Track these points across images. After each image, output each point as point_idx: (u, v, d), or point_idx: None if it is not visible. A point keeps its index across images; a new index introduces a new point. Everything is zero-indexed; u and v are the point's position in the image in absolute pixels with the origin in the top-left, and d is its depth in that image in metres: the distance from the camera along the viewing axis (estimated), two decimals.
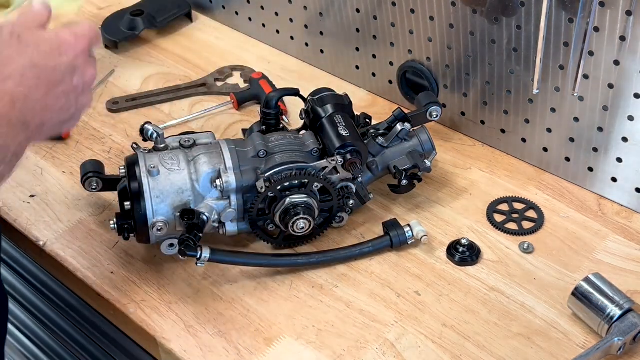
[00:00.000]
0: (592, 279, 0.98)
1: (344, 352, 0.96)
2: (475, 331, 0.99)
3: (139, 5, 1.53)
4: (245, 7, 1.50)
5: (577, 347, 0.97)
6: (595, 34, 1.04)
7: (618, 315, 0.94)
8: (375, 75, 1.36)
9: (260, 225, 1.06)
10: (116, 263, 1.08)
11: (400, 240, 1.07)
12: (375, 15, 1.29)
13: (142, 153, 1.03)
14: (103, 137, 1.28)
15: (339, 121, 1.08)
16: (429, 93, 1.21)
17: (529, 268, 1.07)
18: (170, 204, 1.01)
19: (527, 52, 1.13)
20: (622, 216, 1.14)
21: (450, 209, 1.16)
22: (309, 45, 1.44)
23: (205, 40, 1.53)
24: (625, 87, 1.06)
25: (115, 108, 1.33)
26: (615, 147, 1.12)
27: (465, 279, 1.06)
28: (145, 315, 1.01)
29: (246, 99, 1.35)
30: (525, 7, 1.09)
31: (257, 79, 1.38)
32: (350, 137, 1.05)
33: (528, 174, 1.22)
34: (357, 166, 1.05)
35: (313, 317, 1.01)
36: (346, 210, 1.10)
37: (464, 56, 1.21)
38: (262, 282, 1.05)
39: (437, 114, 1.16)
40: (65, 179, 1.20)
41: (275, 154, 1.05)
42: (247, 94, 1.36)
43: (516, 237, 1.11)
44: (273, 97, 1.11)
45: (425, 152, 1.13)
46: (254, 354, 0.96)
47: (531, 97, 1.17)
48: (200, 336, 0.98)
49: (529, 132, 1.21)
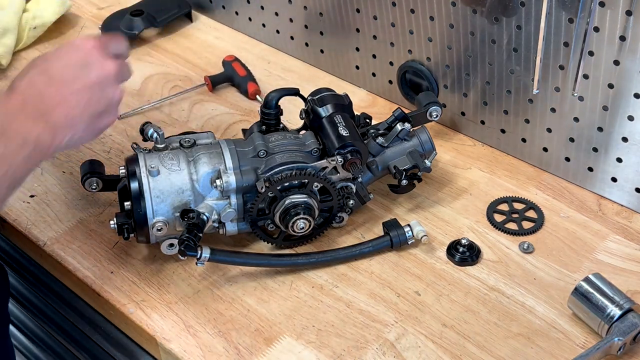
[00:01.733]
0: (592, 279, 0.97)
1: (344, 352, 0.96)
2: (475, 331, 0.99)
3: (139, 5, 1.53)
4: (245, 7, 1.50)
5: (577, 347, 0.97)
6: (595, 34, 1.04)
7: (618, 315, 0.94)
8: (375, 75, 1.36)
9: (260, 225, 1.06)
10: (116, 263, 1.08)
11: (400, 240, 1.07)
12: (375, 15, 1.29)
13: (142, 153, 1.03)
14: (103, 137, 1.28)
15: (339, 121, 1.08)
16: (429, 93, 1.21)
17: (529, 268, 1.07)
18: (170, 204, 1.01)
19: (527, 52, 1.13)
20: (622, 216, 1.14)
21: (450, 209, 1.16)
22: (309, 45, 1.44)
23: (205, 40, 1.53)
24: (625, 87, 1.06)
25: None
26: (615, 147, 1.12)
27: (465, 279, 1.06)
28: (145, 315, 1.01)
29: (220, 80, 1.40)
30: (525, 7, 1.09)
31: (229, 61, 1.41)
32: (350, 137, 1.05)
33: (528, 173, 1.22)
34: (357, 166, 1.05)
35: (313, 317, 1.01)
36: (346, 210, 1.10)
37: (464, 56, 1.21)
38: (262, 282, 1.05)
39: (437, 114, 1.16)
40: (65, 179, 1.20)
41: (275, 154, 1.05)
42: (220, 76, 1.41)
43: (516, 237, 1.11)
44: (273, 97, 1.11)
45: (426, 152, 1.13)
46: (254, 354, 0.96)
47: (531, 97, 1.17)
48: (200, 336, 0.98)
49: (529, 132, 1.21)
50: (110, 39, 0.97)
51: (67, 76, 0.90)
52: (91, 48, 0.92)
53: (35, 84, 0.89)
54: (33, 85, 0.88)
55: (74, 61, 0.91)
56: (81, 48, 0.92)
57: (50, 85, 0.88)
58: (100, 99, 0.92)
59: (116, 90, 0.95)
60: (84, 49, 0.92)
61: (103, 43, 0.94)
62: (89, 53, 0.92)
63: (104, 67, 0.92)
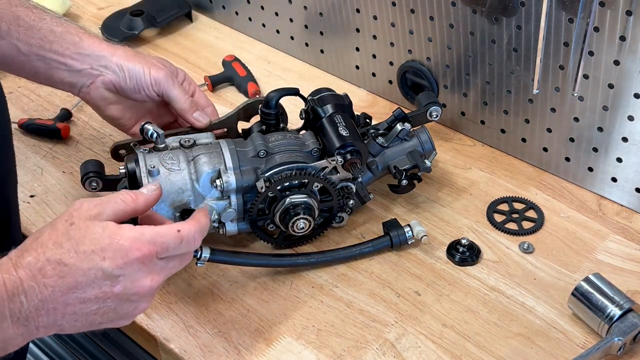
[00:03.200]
0: (592, 279, 0.97)
1: (344, 352, 0.96)
2: (475, 331, 0.99)
3: (139, 5, 1.53)
4: (245, 7, 1.50)
5: (577, 347, 0.97)
6: (595, 34, 1.04)
7: (618, 315, 0.94)
8: (375, 75, 1.36)
9: (260, 225, 1.06)
10: None
11: (400, 240, 1.07)
12: (375, 15, 1.29)
13: (142, 153, 1.03)
14: (103, 137, 1.28)
15: (339, 121, 1.07)
16: (429, 93, 1.21)
17: (529, 268, 1.07)
18: (170, 204, 1.01)
19: (527, 52, 1.13)
20: (622, 216, 1.14)
21: (450, 209, 1.16)
22: (309, 45, 1.44)
23: (205, 40, 1.53)
24: (625, 87, 1.06)
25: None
26: (615, 147, 1.12)
27: (465, 279, 1.06)
28: (145, 315, 1.01)
29: (220, 80, 1.41)
30: (525, 7, 1.09)
31: (229, 61, 1.41)
32: (350, 137, 1.05)
33: (528, 173, 1.22)
34: (357, 166, 1.05)
35: (313, 317, 1.01)
36: (346, 210, 1.10)
37: (464, 56, 1.21)
38: (262, 282, 1.05)
39: (437, 114, 1.16)
40: (65, 179, 1.20)
41: (275, 154, 1.05)
42: (220, 76, 1.41)
43: (516, 237, 1.11)
44: (273, 97, 1.11)
45: (426, 152, 1.13)
46: (254, 354, 0.96)
47: (531, 97, 1.17)
48: (200, 336, 0.98)
49: (529, 132, 1.21)
50: (188, 241, 0.82)
51: (81, 282, 0.76)
52: (133, 260, 0.78)
53: (40, 277, 0.75)
54: (36, 278, 0.75)
55: (102, 272, 0.76)
56: (124, 256, 0.77)
57: (55, 287, 0.75)
58: (108, 312, 0.79)
59: (140, 305, 0.81)
60: (126, 260, 0.77)
61: (164, 251, 0.80)
62: (128, 265, 0.77)
63: (134, 284, 0.78)
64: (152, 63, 1.10)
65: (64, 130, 1.27)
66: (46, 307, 0.75)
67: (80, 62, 1.08)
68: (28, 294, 0.75)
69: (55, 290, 0.75)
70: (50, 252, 0.76)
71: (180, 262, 0.85)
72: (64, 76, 1.08)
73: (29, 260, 0.76)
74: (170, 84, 1.10)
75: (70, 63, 1.07)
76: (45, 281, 0.75)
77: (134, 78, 1.09)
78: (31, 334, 0.76)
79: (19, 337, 0.75)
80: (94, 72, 1.08)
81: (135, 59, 1.10)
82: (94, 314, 0.78)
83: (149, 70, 1.09)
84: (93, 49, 1.08)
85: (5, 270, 0.75)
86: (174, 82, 1.11)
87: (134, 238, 0.79)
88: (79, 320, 0.78)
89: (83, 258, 0.76)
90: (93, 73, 1.08)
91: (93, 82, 1.09)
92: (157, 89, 1.10)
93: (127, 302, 0.80)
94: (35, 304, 0.75)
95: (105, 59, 1.08)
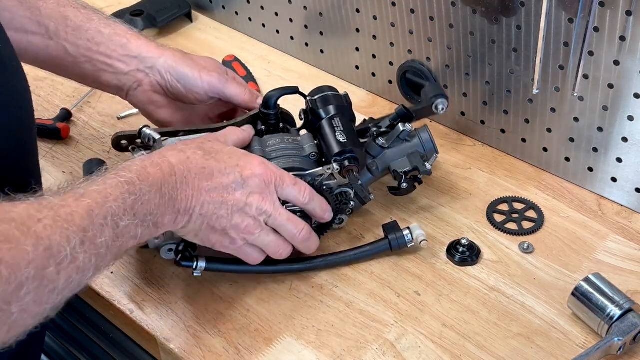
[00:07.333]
0: (592, 279, 0.97)
1: (344, 352, 0.96)
2: (475, 331, 0.99)
3: (139, 5, 1.53)
4: (245, 7, 1.50)
5: (577, 347, 0.97)
6: (595, 34, 1.04)
7: (618, 315, 0.94)
8: (375, 75, 1.36)
9: None
10: (116, 263, 1.07)
11: (399, 243, 1.06)
12: (375, 15, 1.29)
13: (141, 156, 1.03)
14: (103, 137, 1.28)
15: (337, 125, 1.06)
16: (436, 85, 1.19)
17: (529, 268, 1.07)
18: None
19: (527, 52, 1.13)
20: (622, 216, 1.14)
21: (450, 209, 1.16)
22: (309, 45, 1.44)
23: (205, 40, 1.53)
24: (625, 87, 1.06)
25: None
26: (615, 147, 1.12)
27: (465, 279, 1.06)
28: (145, 315, 1.01)
29: None
30: (525, 7, 1.09)
31: (229, 61, 1.41)
32: (347, 144, 1.03)
33: (528, 174, 1.22)
34: (353, 173, 1.04)
35: (313, 317, 1.01)
36: (347, 211, 1.09)
37: (464, 56, 1.21)
38: (262, 282, 1.05)
39: (444, 106, 1.14)
40: (65, 179, 1.20)
41: (272, 159, 1.03)
42: None
43: (516, 237, 1.11)
44: (272, 97, 1.09)
45: (427, 152, 1.11)
46: (254, 354, 0.96)
47: (531, 97, 1.17)
48: (200, 336, 0.98)
49: (529, 132, 1.21)
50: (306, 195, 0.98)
51: (216, 178, 0.89)
52: (257, 175, 0.92)
53: (188, 163, 0.88)
54: (184, 163, 0.87)
55: (234, 175, 0.91)
56: (251, 171, 0.92)
57: (198, 176, 0.87)
58: (222, 218, 0.90)
59: (256, 232, 0.93)
60: (250, 173, 0.92)
61: (280, 179, 0.94)
62: (251, 177, 0.91)
63: (252, 198, 0.91)
64: (202, 66, 1.10)
65: (64, 130, 1.27)
66: (187, 190, 0.86)
67: (126, 64, 1.07)
68: (177, 174, 0.86)
69: (198, 176, 0.88)
70: (193, 155, 0.89)
71: (276, 241, 0.97)
72: (110, 79, 1.07)
73: (173, 153, 0.88)
74: (224, 84, 1.10)
75: (117, 65, 1.06)
76: (191, 166, 0.88)
77: (182, 81, 1.08)
78: (175, 218, 0.86)
79: (170, 220, 0.86)
80: (139, 74, 1.08)
81: (184, 62, 1.09)
82: (213, 212, 0.89)
83: (199, 74, 1.08)
84: (140, 51, 1.07)
85: (158, 156, 0.87)
86: (227, 80, 1.10)
87: (261, 160, 0.94)
88: (203, 213, 0.88)
89: (221, 160, 0.90)
90: (138, 75, 1.08)
91: (140, 85, 1.08)
92: (212, 93, 1.10)
93: (238, 214, 0.90)
94: (181, 183, 0.86)
95: (152, 60, 1.08)
